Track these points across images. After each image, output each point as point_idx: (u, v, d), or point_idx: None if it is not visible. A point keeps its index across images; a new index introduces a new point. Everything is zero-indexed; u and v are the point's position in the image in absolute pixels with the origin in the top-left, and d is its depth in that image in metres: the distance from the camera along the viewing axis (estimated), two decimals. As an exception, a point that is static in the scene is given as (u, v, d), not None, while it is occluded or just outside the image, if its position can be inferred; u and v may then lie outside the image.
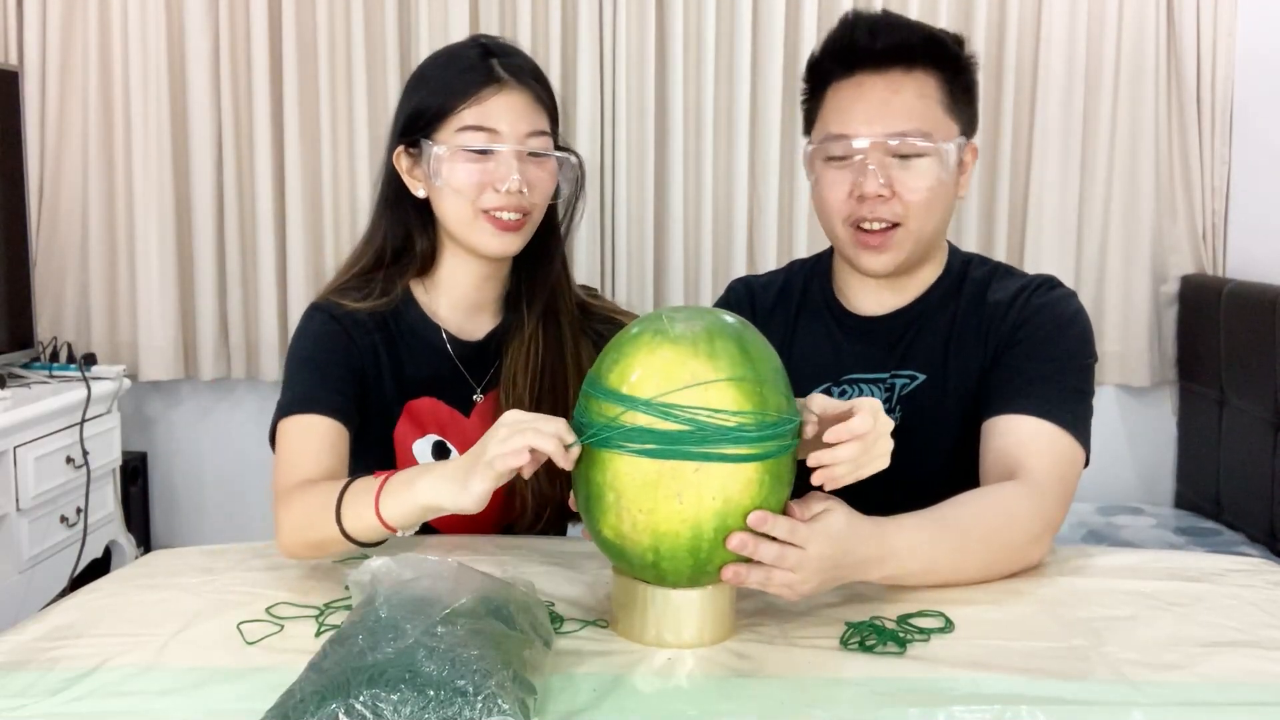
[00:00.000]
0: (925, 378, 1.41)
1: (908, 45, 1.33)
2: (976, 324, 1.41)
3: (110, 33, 3.05)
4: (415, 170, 1.38)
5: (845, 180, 1.36)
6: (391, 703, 0.81)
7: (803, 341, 1.49)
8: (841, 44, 1.37)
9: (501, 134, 1.33)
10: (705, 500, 0.97)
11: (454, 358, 1.43)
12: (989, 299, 1.41)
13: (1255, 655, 1.03)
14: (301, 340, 1.38)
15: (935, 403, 1.40)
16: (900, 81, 1.34)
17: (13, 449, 2.47)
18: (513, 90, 1.34)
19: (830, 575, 1.08)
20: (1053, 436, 1.30)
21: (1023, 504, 1.24)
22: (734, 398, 0.97)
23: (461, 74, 1.34)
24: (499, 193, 1.32)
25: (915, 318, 1.44)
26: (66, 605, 1.18)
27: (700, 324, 1.01)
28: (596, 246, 3.07)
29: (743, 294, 1.57)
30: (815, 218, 1.47)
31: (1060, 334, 1.36)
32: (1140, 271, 3.03)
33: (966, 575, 1.20)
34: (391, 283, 1.42)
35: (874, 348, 1.44)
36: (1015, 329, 1.38)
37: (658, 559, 1.00)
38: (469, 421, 1.44)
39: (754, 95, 3.01)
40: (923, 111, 1.34)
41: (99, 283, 3.11)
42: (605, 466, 1.00)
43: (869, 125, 1.33)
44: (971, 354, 1.40)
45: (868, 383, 1.44)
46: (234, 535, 3.15)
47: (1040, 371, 1.33)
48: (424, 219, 1.42)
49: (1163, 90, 2.99)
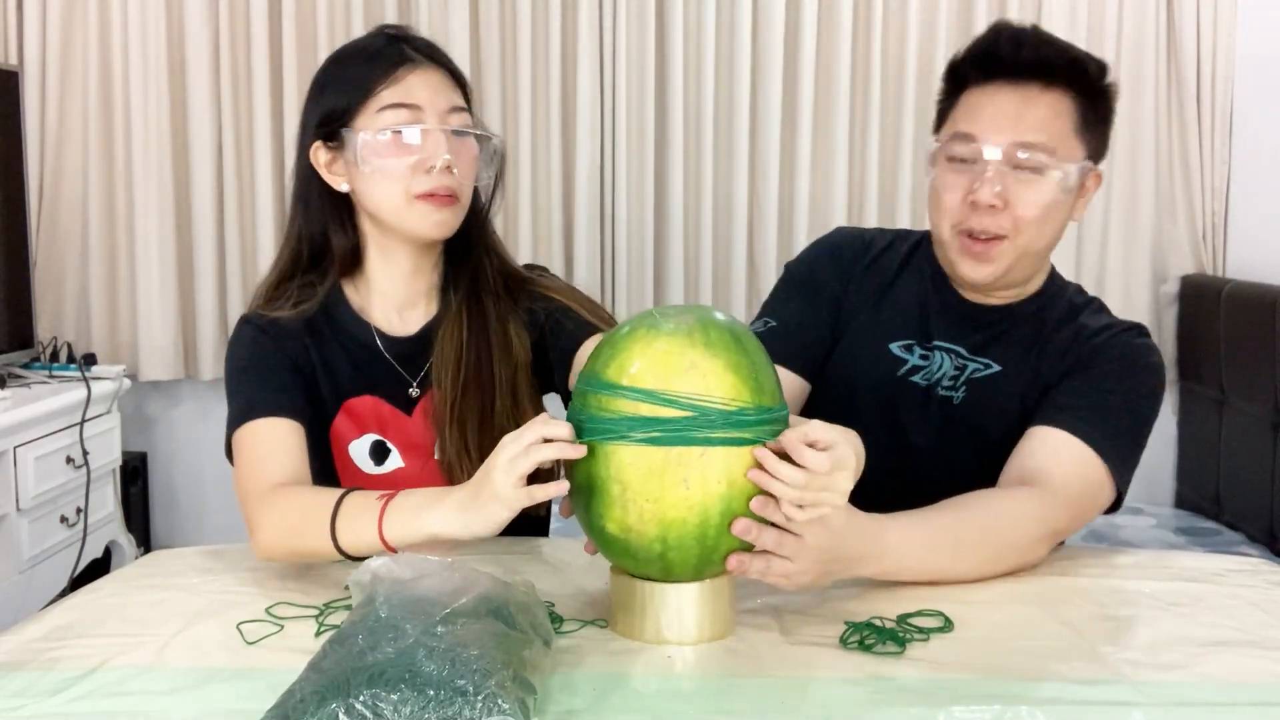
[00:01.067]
0: (1000, 369, 1.41)
1: (1049, 62, 1.32)
2: (1062, 340, 1.40)
3: (110, 33, 3.05)
4: (335, 164, 1.36)
5: (962, 185, 1.34)
6: (391, 703, 0.81)
7: (899, 295, 1.48)
8: (984, 51, 1.36)
9: (424, 109, 1.31)
10: (711, 484, 0.99)
11: (387, 356, 1.41)
12: (1079, 321, 1.41)
13: (1255, 655, 1.03)
14: (235, 353, 1.37)
15: (999, 396, 1.40)
16: (1036, 96, 1.32)
17: (13, 449, 2.47)
18: (427, 67, 1.34)
19: (827, 568, 1.09)
20: (1086, 460, 1.29)
21: (1029, 508, 1.24)
22: (733, 383, 0.99)
23: (372, 59, 1.34)
24: (429, 174, 1.30)
25: (1009, 316, 1.43)
26: (66, 605, 1.18)
27: (692, 316, 1.03)
28: (596, 247, 3.07)
29: (853, 238, 1.55)
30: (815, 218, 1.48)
31: (1134, 377, 1.36)
32: (1140, 271, 3.03)
33: (962, 573, 1.20)
34: (313, 285, 1.40)
35: (965, 326, 1.44)
36: (1092, 355, 1.37)
37: (665, 549, 1.01)
38: (411, 420, 1.42)
39: (754, 95, 3.01)
40: (1053, 128, 1.32)
41: (99, 283, 3.11)
42: (609, 459, 1.00)
43: (997, 132, 1.32)
44: (1049, 365, 1.40)
45: (948, 352, 1.43)
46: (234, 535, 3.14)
47: (1098, 400, 1.33)
48: (341, 215, 1.39)
49: (1163, 90, 2.99)
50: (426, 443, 1.40)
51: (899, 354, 1.45)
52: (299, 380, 1.36)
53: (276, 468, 1.26)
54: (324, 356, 1.39)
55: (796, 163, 3.01)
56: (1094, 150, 1.37)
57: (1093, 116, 1.35)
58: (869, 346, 1.46)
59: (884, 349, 1.46)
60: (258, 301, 1.41)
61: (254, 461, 1.27)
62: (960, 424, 1.41)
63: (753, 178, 3.04)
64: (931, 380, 1.43)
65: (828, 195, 3.03)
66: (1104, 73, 1.36)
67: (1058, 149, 1.32)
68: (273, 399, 1.31)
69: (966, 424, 1.41)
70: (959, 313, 1.45)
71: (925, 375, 1.44)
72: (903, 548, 1.15)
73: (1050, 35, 1.37)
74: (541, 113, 3.03)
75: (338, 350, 1.40)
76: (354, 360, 1.41)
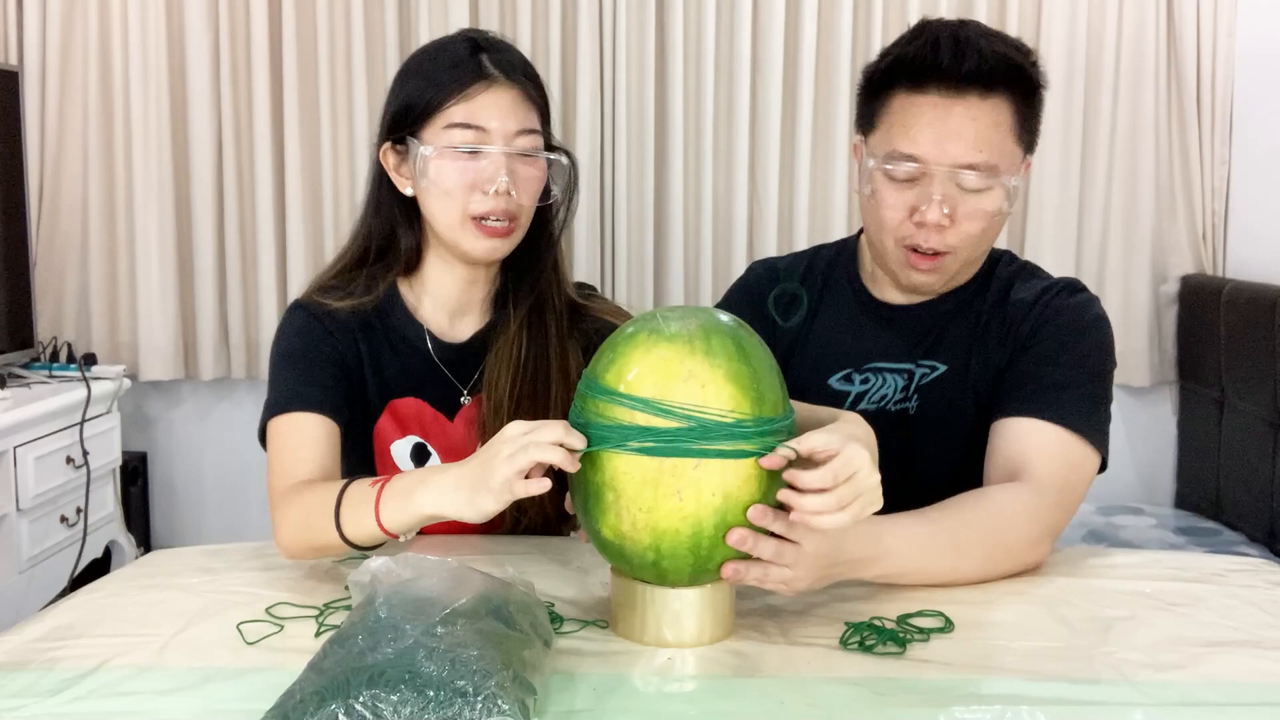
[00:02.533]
0: (946, 368, 1.41)
1: (988, 71, 1.28)
2: (1000, 321, 1.40)
3: (110, 33, 3.05)
4: (402, 168, 1.36)
5: (905, 202, 1.32)
6: (391, 703, 0.81)
7: (825, 325, 1.47)
8: (919, 57, 1.29)
9: (490, 132, 1.30)
10: (705, 497, 0.98)
11: (437, 360, 1.41)
12: (1012, 297, 1.40)
13: (1255, 655, 1.03)
14: (283, 338, 1.37)
15: (953, 395, 1.40)
16: (976, 109, 1.28)
17: (13, 449, 2.47)
18: (502, 87, 1.31)
19: (825, 573, 1.09)
20: (1062, 441, 1.29)
21: (1022, 507, 1.24)
22: (732, 394, 0.98)
23: (449, 69, 1.31)
24: (486, 195, 1.29)
25: (942, 312, 1.43)
26: (66, 605, 1.18)
27: (695, 322, 1.01)
28: (596, 247, 3.07)
29: (763, 275, 1.54)
30: (815, 217, 1.48)
31: (1079, 339, 1.35)
32: (1140, 271, 3.03)
33: (962, 576, 1.20)
34: (374, 280, 1.40)
35: (899, 337, 1.43)
36: (1034, 330, 1.36)
37: (658, 558, 1.00)
38: (452, 425, 1.42)
39: (754, 95, 3.01)
40: (995, 142, 1.29)
41: (99, 283, 3.11)
42: (604, 466, 0.99)
43: (940, 154, 1.28)
44: (993, 351, 1.39)
45: (890, 371, 1.42)
46: (234, 535, 3.16)
47: (1055, 376, 1.32)
48: (410, 216, 1.40)
49: (1163, 90, 2.98)
50: (467, 449, 1.38)
51: (839, 387, 1.44)
52: (342, 377, 1.35)
53: (303, 466, 1.26)
54: (374, 353, 1.39)
55: (796, 163, 3.01)
56: (1029, 145, 1.35)
57: (1028, 114, 1.33)
58: (810, 387, 1.43)
59: (824, 386, 1.44)
60: (313, 290, 1.40)
61: (284, 457, 1.28)
62: (921, 433, 1.40)
63: (753, 178, 3.04)
64: (883, 401, 1.42)
65: (827, 195, 3.03)
66: (1036, 65, 1.33)
67: (1000, 163, 1.29)
68: (311, 393, 1.30)
69: (927, 431, 1.40)
70: (893, 326, 1.43)
71: (870, 399, 1.42)
72: (902, 549, 1.15)
73: (983, 33, 1.31)
74: (541, 113, 3.03)
75: (388, 349, 1.40)
76: (404, 361, 1.40)
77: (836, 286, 1.49)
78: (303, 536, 1.20)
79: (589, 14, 2.99)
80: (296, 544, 1.21)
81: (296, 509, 1.21)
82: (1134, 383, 3.07)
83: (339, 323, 1.37)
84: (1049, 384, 1.32)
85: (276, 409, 1.30)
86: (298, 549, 1.22)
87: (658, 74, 3.02)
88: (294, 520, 1.21)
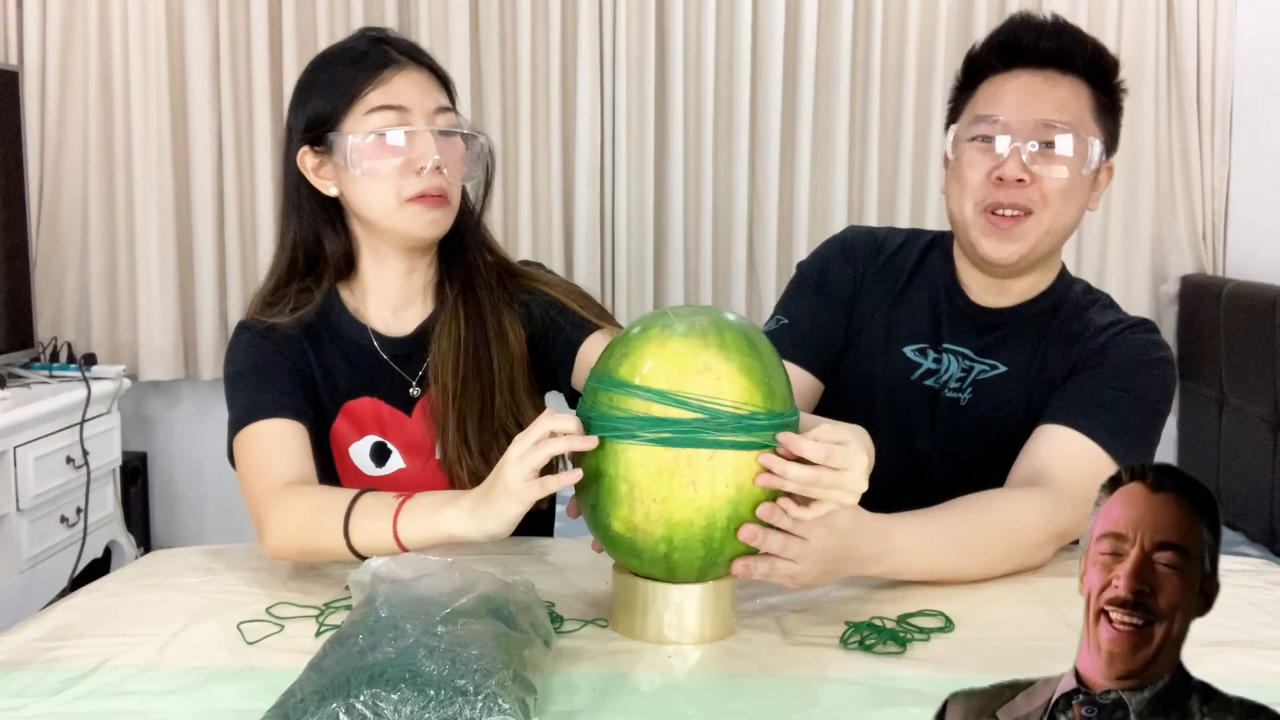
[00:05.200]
0: (1005, 369, 1.41)
1: (1069, 51, 1.34)
2: (1068, 337, 1.40)
3: (110, 33, 3.05)
4: (322, 169, 1.35)
5: (986, 162, 1.35)
6: (391, 702, 0.81)
7: (913, 298, 1.48)
8: (1004, 40, 1.37)
9: (411, 110, 1.31)
10: (719, 488, 0.99)
11: (384, 357, 1.41)
12: (1086, 318, 1.41)
13: (1255, 655, 1.03)
14: (233, 359, 1.37)
15: (1006, 396, 1.40)
16: (1056, 79, 1.34)
17: (13, 449, 2.47)
18: (412, 69, 1.34)
19: (832, 568, 1.09)
20: (1092, 454, 1.28)
21: (1036, 508, 1.24)
22: (745, 386, 0.99)
23: (357, 61, 1.34)
24: (420, 175, 1.30)
25: (1015, 317, 1.44)
26: (66, 605, 1.18)
27: (706, 318, 1.03)
28: (596, 246, 3.07)
29: (866, 238, 1.54)
30: (815, 217, 1.49)
31: (1141, 371, 1.35)
32: (1140, 271, 3.03)
33: (965, 574, 1.20)
34: (308, 292, 1.40)
35: (972, 330, 1.45)
36: (1099, 351, 1.37)
37: (670, 550, 1.00)
38: (411, 420, 1.42)
39: (754, 95, 3.01)
40: (1073, 109, 1.34)
41: (99, 283, 3.11)
42: (618, 458, 1.00)
43: (1020, 110, 1.33)
44: (1054, 362, 1.40)
45: (956, 354, 1.44)
46: (234, 535, 3.15)
47: (1104, 395, 1.32)
48: (332, 219, 1.39)
49: (1163, 90, 2.99)
50: (427, 442, 1.40)
51: (913, 357, 1.46)
52: (299, 383, 1.36)
53: (284, 467, 1.26)
54: (322, 360, 1.39)
55: (796, 163, 3.01)
56: (1107, 139, 1.38)
57: (1107, 104, 1.38)
58: (884, 349, 1.46)
59: (898, 352, 1.46)
60: (254, 309, 1.41)
61: (261, 462, 1.27)
62: (966, 426, 1.41)
63: (753, 178, 3.04)
64: (940, 383, 1.44)
65: (827, 195, 3.03)
66: (1118, 67, 1.39)
67: (1079, 128, 1.34)
68: (276, 400, 1.31)
69: (972, 425, 1.41)
70: (968, 316, 1.45)
71: (936, 379, 1.44)
72: (909, 547, 1.15)
73: (1069, 24, 1.38)
74: (541, 113, 3.03)
75: (335, 353, 1.40)
76: (352, 363, 1.40)
77: (929, 268, 1.50)
78: (300, 539, 1.19)
79: (589, 14, 2.99)
80: (289, 546, 1.21)
81: (295, 511, 1.20)
82: (1134, 383, 3.07)
83: (284, 335, 1.37)
84: (1096, 401, 1.32)
85: (241, 423, 1.30)
86: (288, 551, 1.21)
87: (658, 74, 3.02)
88: (292, 522, 1.20)
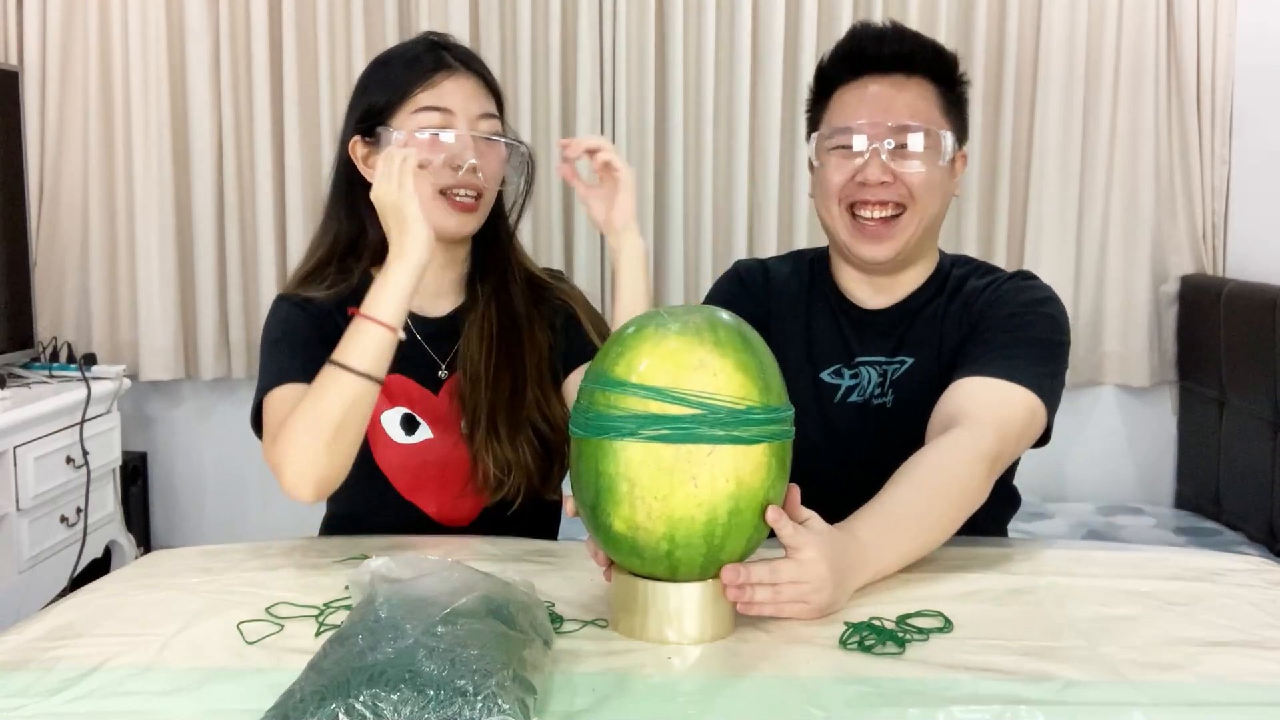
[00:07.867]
0: (914, 361, 1.48)
1: (910, 54, 1.43)
2: (959, 311, 1.47)
3: (110, 33, 3.05)
4: (371, 159, 1.45)
5: (847, 169, 1.43)
6: (391, 703, 0.81)
7: (817, 322, 1.54)
8: (849, 51, 1.46)
9: (455, 114, 1.42)
10: (719, 483, 0.99)
11: (418, 336, 1.48)
12: (966, 288, 1.49)
13: (1255, 655, 1.03)
14: (271, 326, 1.44)
15: (922, 386, 1.44)
16: (902, 83, 1.43)
17: (13, 449, 2.47)
18: (462, 76, 1.44)
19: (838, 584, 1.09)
20: (997, 385, 1.33)
21: (960, 446, 1.26)
22: (742, 382, 1.00)
23: (413, 62, 1.44)
24: (455, 171, 1.40)
25: (907, 312, 1.50)
26: (66, 605, 1.18)
27: (700, 316, 1.04)
28: (596, 246, 3.07)
29: (757, 270, 1.62)
30: (815, 217, 1.51)
31: (1028, 310, 1.42)
32: (1140, 271, 3.03)
33: (933, 545, 1.23)
34: (347, 272, 1.48)
35: (875, 335, 1.51)
36: (983, 311, 1.44)
37: (673, 547, 1.01)
38: (437, 399, 1.48)
39: (754, 95, 3.02)
40: (921, 109, 1.43)
41: (99, 283, 3.12)
42: (617, 456, 1.00)
43: (873, 118, 1.41)
44: (950, 336, 1.47)
45: (873, 365, 1.50)
46: (234, 535, 3.16)
47: (999, 343, 1.39)
48: None
49: (1163, 90, 2.99)
50: (453, 420, 1.47)
51: (830, 380, 1.51)
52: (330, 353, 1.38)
53: None
54: None
55: (797, 163, 3.01)
56: (957, 131, 1.47)
57: (954, 100, 1.47)
58: (803, 379, 1.50)
59: (817, 379, 1.51)
60: (293, 284, 1.49)
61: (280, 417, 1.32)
62: (896, 425, 1.45)
63: (753, 177, 3.05)
64: (865, 395, 1.49)
65: (828, 195, 3.03)
66: (958, 63, 1.48)
67: (930, 124, 1.42)
68: (304, 366, 1.36)
69: (902, 423, 1.44)
70: (867, 324, 1.51)
71: (859, 393, 1.50)
72: (876, 543, 1.16)
73: (907, 29, 1.47)
74: (541, 112, 3.03)
75: None
76: None
77: (820, 288, 1.56)
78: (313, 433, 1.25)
79: (589, 14, 2.99)
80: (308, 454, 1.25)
81: (296, 419, 1.26)
82: (1134, 383, 3.07)
83: (322, 309, 1.44)
84: (991, 349, 1.38)
85: (272, 384, 1.37)
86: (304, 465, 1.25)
87: (658, 74, 3.02)
88: (298, 429, 1.25)
